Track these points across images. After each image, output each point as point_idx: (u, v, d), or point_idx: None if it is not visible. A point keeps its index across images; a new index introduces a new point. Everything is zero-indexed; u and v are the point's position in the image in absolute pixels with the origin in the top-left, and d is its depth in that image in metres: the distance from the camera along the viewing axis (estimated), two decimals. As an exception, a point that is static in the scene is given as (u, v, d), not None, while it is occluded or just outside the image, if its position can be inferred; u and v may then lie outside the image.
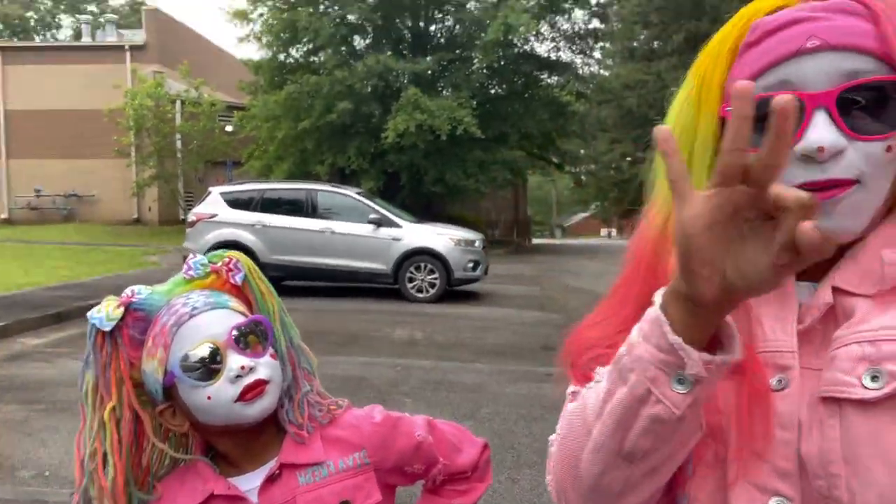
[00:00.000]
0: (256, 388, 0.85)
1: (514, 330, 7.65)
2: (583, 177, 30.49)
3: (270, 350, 0.90)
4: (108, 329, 0.86)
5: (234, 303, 0.92)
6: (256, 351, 0.88)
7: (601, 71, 23.02)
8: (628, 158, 34.17)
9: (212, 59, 25.80)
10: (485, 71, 17.98)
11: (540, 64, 19.32)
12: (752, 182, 0.46)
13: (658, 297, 0.55)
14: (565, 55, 20.21)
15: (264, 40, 18.60)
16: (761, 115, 0.48)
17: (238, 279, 0.93)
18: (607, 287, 0.75)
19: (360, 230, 9.89)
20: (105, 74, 22.35)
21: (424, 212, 15.07)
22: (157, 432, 0.91)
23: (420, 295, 9.79)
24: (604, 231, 55.00)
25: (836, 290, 0.60)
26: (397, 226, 10.03)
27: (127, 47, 23.43)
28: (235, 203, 10.05)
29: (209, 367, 0.85)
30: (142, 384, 0.90)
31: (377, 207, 10.22)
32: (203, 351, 0.85)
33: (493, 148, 17.25)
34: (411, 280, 9.84)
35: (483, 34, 17.13)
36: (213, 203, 10.07)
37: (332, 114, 16.12)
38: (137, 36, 24.56)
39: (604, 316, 0.72)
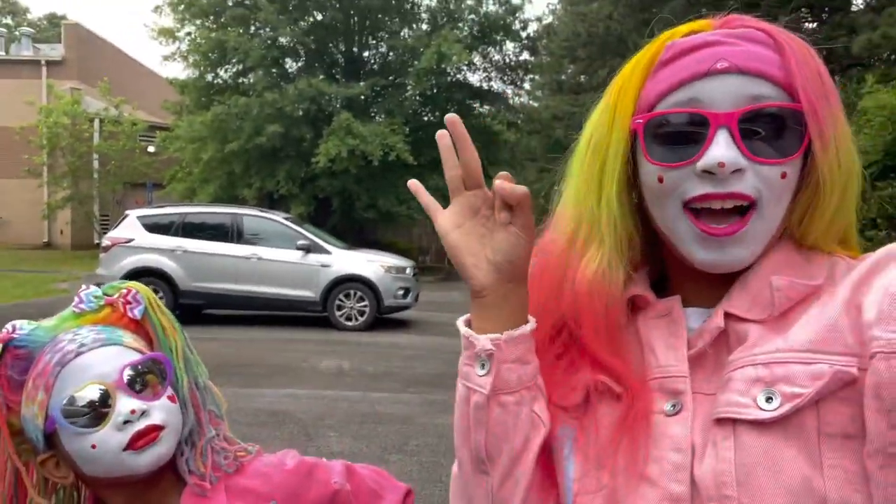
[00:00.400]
0: (148, 435, 0.78)
1: (444, 359, 7.56)
2: (513, 205, 31.07)
3: (169, 392, 0.82)
4: None
5: (130, 339, 0.84)
6: (153, 393, 0.80)
7: (531, 102, 23.67)
8: (556, 188, 35.49)
9: (134, 77, 24.94)
10: (418, 98, 18.11)
11: (472, 93, 19.63)
12: (471, 187, 0.66)
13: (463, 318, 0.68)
14: (497, 85, 20.67)
15: (191, 59, 18.16)
16: (670, 132, 0.61)
17: (136, 313, 0.86)
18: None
19: (287, 256, 9.62)
20: (18, 90, 21.20)
21: (356, 238, 14.90)
22: (42, 487, 0.83)
23: (349, 323, 9.58)
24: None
25: (728, 316, 0.61)
26: (327, 252, 9.82)
27: (43, 62, 22.44)
28: (154, 227, 9.61)
29: (97, 411, 0.77)
30: (21, 432, 0.81)
31: (306, 233, 9.99)
32: (90, 393, 0.77)
33: (425, 174, 17.29)
34: (340, 308, 9.62)
35: (416, 62, 17.27)
36: (130, 227, 9.57)
37: (261, 136, 15.79)
38: (55, 51, 23.52)
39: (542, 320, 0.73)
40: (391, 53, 19.48)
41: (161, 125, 20.08)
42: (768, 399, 0.54)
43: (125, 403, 0.78)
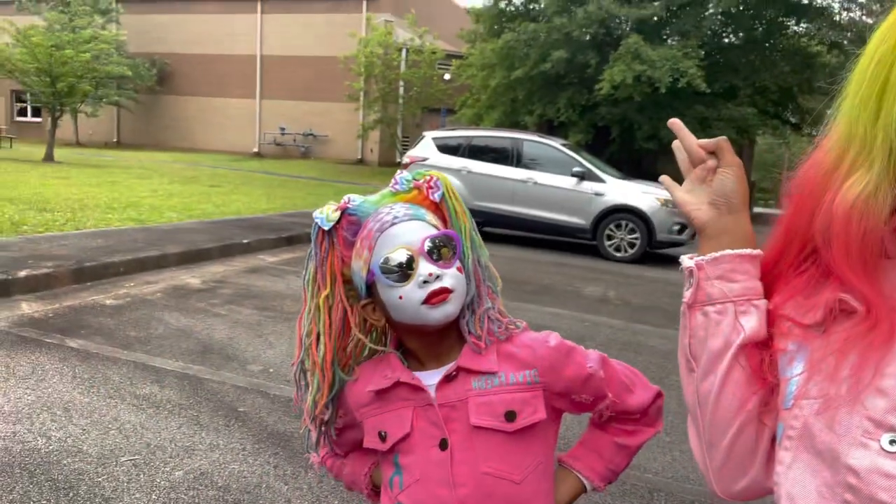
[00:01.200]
0: (441, 295, 0.94)
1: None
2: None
3: (457, 263, 0.97)
4: (327, 228, 0.99)
5: (431, 217, 1.00)
6: (445, 262, 0.95)
7: (863, 17, 19.60)
8: (834, 107, 29.19)
9: (436, 8, 26.72)
10: (720, 17, 16.31)
11: (788, 8, 16.98)
12: (696, 164, 0.80)
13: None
14: (820, -2, 17.55)
15: (487, -16, 18.71)
16: None
17: (436, 196, 1.01)
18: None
19: (562, 182, 9.79)
20: (343, 23, 24.32)
21: (634, 169, 14.38)
22: (361, 326, 1.04)
23: (618, 254, 9.50)
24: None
25: None
26: (601, 181, 9.75)
27: (363, -4, 25.10)
28: (445, 148, 10.47)
29: (404, 271, 0.94)
30: (351, 281, 1.02)
31: (582, 160, 10.00)
32: (399, 255, 0.94)
33: (717, 103, 15.77)
34: (610, 238, 9.57)
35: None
36: (426, 147, 10.61)
37: (546, 63, 15.87)
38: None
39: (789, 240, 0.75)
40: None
41: (457, 54, 21.40)
42: None
43: (425, 267, 0.94)
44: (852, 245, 0.62)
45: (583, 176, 9.73)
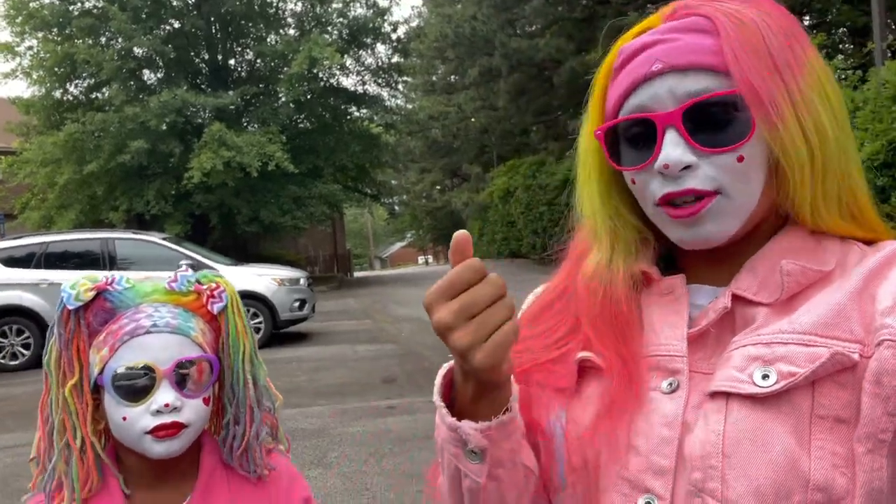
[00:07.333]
0: (171, 430, 0.86)
1: (350, 366, 7.47)
2: (396, 207, 31.15)
3: (207, 393, 0.90)
4: (71, 307, 0.88)
5: (200, 331, 0.91)
6: (192, 392, 0.88)
7: (406, 104, 23.80)
8: (437, 187, 35.75)
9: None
10: (292, 105, 17.68)
11: (347, 97, 19.44)
12: None
13: (438, 379, 0.63)
14: (371, 88, 20.61)
15: (35, 76, 16.60)
16: (629, 136, 0.64)
17: (215, 308, 0.93)
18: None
19: (170, 279, 9.07)
20: None
21: (240, 253, 14.30)
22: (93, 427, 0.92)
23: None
24: (421, 258, 56.54)
25: (736, 299, 0.61)
26: (213, 270, 9.37)
27: None
28: (11, 261, 8.70)
29: (138, 391, 0.85)
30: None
31: (188, 252, 9.45)
32: (140, 374, 0.86)
33: (308, 182, 16.92)
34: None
35: (287, 68, 16.85)
36: (-16, 263, 8.62)
37: (124, 154, 14.75)
38: None
39: (544, 326, 0.72)
40: (259, 60, 18.89)
41: (6, 150, 18.18)
42: (764, 377, 0.55)
43: (164, 395, 0.86)
44: (595, 308, 0.66)
45: (193, 268, 9.14)
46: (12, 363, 8.22)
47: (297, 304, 9.50)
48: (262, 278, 9.47)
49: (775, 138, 0.59)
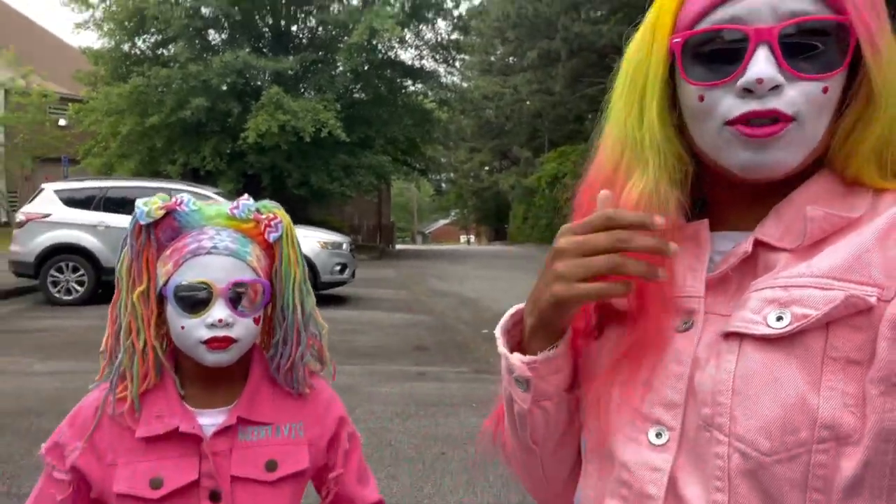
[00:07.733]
0: (222, 343, 0.92)
1: (384, 331, 7.61)
2: (443, 184, 31.23)
3: (258, 314, 0.96)
4: (143, 223, 0.94)
5: (255, 256, 0.96)
6: (244, 311, 0.94)
7: (462, 82, 23.70)
8: (486, 167, 35.54)
9: (43, 47, 23.32)
10: (349, 74, 17.82)
11: (404, 71, 19.45)
12: None
13: (506, 315, 0.71)
14: (428, 63, 20.60)
15: (106, 28, 17.11)
16: (710, 50, 0.61)
17: (270, 237, 0.98)
18: (472, 290, 0.84)
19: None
20: None
21: (288, 215, 14.57)
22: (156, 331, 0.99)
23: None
24: (463, 237, 56.61)
25: (759, 244, 0.62)
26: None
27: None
28: (73, 202, 9.03)
29: (196, 305, 0.92)
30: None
31: (238, 208, 9.71)
32: (199, 288, 0.92)
33: (358, 152, 17.10)
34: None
35: (347, 37, 16.96)
36: (47, 201, 9.01)
37: (185, 110, 15.15)
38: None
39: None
40: (320, 28, 19.04)
41: (74, 97, 18.91)
42: (779, 318, 0.55)
43: (219, 311, 0.92)
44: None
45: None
46: (66, 298, 8.60)
47: (338, 267, 9.68)
48: (307, 239, 9.65)
49: (877, 71, 0.58)
